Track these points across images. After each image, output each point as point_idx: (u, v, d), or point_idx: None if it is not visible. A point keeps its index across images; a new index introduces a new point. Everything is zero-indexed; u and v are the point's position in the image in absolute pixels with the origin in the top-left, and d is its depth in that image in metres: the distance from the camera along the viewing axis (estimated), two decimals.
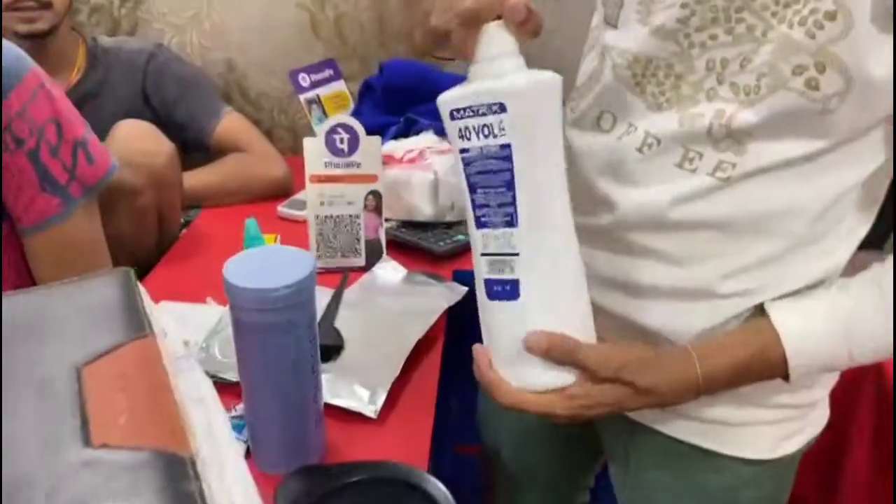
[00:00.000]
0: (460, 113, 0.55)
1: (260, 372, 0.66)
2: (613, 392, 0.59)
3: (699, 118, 0.58)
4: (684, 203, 0.60)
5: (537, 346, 0.57)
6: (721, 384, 0.60)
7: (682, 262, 0.62)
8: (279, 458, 0.70)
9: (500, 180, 0.55)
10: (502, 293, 0.57)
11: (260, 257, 0.66)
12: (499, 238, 0.56)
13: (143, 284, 1.01)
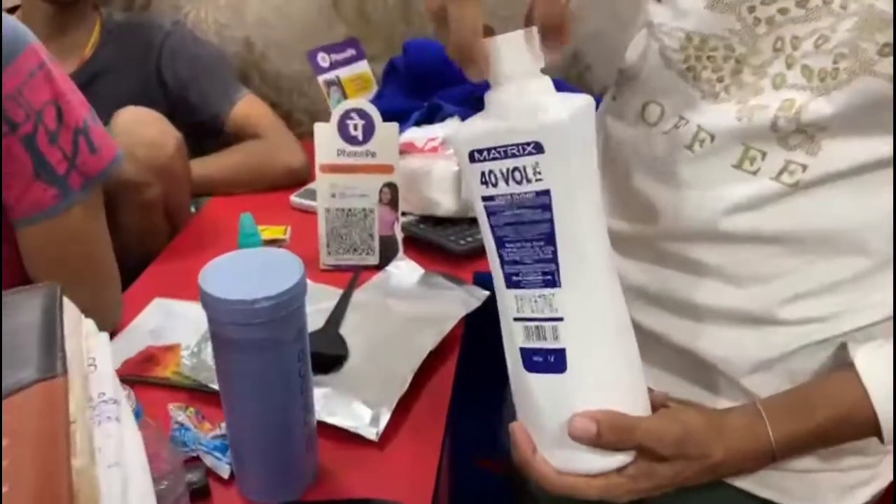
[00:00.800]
0: (483, 154, 0.45)
1: (240, 392, 0.58)
2: (679, 468, 0.49)
3: (762, 110, 0.48)
4: (742, 212, 0.51)
5: (586, 433, 0.46)
6: (799, 450, 0.51)
7: (737, 280, 0.52)
8: (264, 486, 0.63)
9: (536, 233, 0.45)
10: (544, 365, 0.47)
11: (243, 262, 0.58)
12: (537, 301, 0.46)
13: (140, 280, 0.96)
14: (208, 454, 0.65)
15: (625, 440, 0.47)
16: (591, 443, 0.46)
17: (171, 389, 0.75)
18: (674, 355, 0.56)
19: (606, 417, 0.46)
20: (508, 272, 0.47)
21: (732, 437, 0.50)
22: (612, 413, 0.46)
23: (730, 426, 0.50)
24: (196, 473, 0.63)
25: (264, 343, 0.55)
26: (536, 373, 0.48)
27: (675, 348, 0.56)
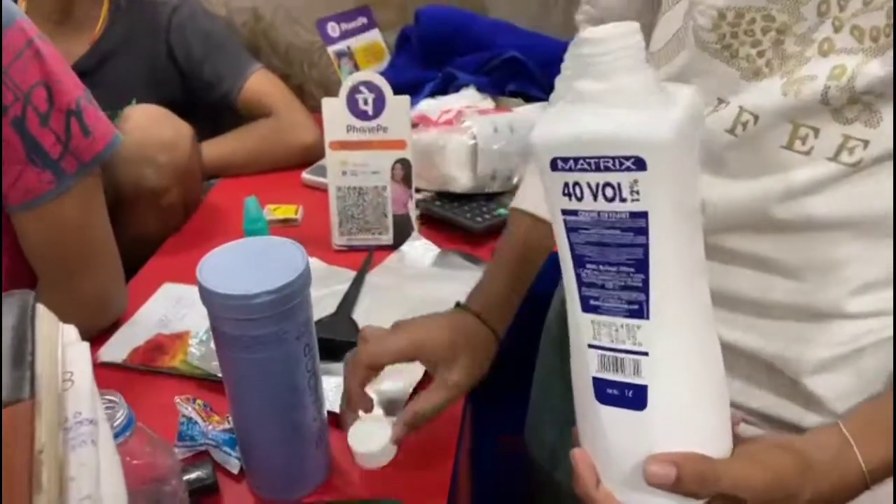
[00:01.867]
0: (569, 164, 0.38)
1: (245, 390, 0.56)
2: None
3: (810, 82, 0.43)
4: (798, 197, 0.46)
5: (666, 478, 0.41)
6: (889, 473, 0.45)
7: (796, 272, 0.47)
8: (274, 482, 0.60)
9: (626, 257, 0.40)
10: (621, 399, 0.43)
11: (243, 253, 0.55)
12: (619, 330, 0.41)
13: (148, 265, 0.93)
14: (217, 449, 0.63)
15: (708, 488, 0.42)
16: (670, 489, 0.42)
17: (180, 379, 0.73)
18: (726, 354, 0.52)
19: (688, 462, 0.41)
20: (586, 294, 0.42)
21: (820, 472, 0.44)
22: (695, 457, 0.42)
23: (817, 461, 0.45)
24: (204, 469, 0.60)
25: (267, 339, 0.52)
26: (611, 406, 0.43)
27: (727, 347, 0.52)
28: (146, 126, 0.95)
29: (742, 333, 0.51)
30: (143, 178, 0.93)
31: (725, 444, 0.44)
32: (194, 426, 0.64)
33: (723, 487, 0.42)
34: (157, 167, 0.94)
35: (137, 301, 0.85)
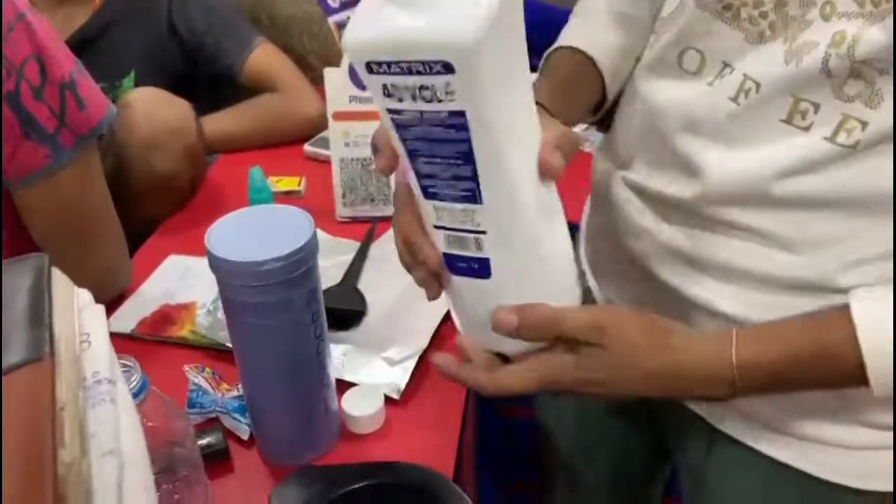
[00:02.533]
0: (383, 68, 0.38)
1: (254, 356, 0.56)
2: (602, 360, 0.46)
3: (811, 49, 0.43)
4: (795, 175, 0.46)
5: (508, 324, 0.45)
6: (764, 381, 0.46)
7: (791, 245, 0.48)
8: (284, 448, 0.62)
9: (453, 151, 0.40)
10: (469, 271, 0.46)
11: (251, 221, 0.55)
12: (457, 214, 0.43)
13: (154, 237, 0.94)
14: (227, 415, 0.64)
15: (550, 330, 0.46)
16: (515, 335, 0.46)
17: (188, 349, 0.74)
18: (719, 325, 0.52)
19: (530, 309, 0.45)
20: (425, 184, 0.43)
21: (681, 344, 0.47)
22: (537, 306, 0.45)
23: (682, 334, 0.48)
24: (214, 436, 0.61)
25: (276, 305, 0.53)
26: (462, 276, 0.47)
27: (720, 316, 0.52)
28: (151, 113, 0.94)
29: (733, 304, 0.51)
30: (155, 166, 0.93)
31: (571, 303, 0.48)
32: (204, 394, 0.65)
33: (564, 330, 0.45)
34: (168, 154, 0.94)
35: (143, 274, 0.85)
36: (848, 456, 0.52)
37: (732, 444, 0.56)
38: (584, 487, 0.85)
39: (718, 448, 0.58)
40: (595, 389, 0.47)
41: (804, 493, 0.54)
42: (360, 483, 0.53)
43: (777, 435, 0.53)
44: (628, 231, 0.57)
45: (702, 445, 0.60)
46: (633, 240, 0.56)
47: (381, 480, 0.53)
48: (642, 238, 0.55)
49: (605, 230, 0.62)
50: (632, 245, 0.57)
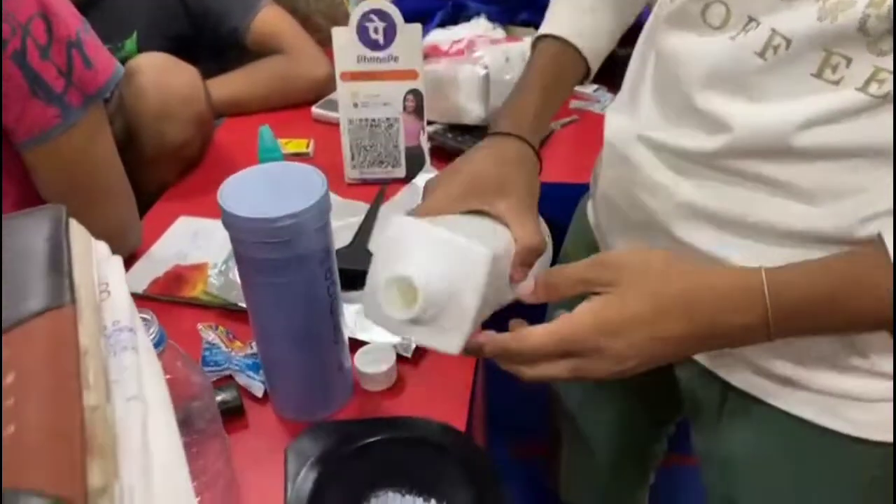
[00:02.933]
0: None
1: (268, 313, 0.56)
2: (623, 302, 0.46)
3: (848, 8, 0.42)
4: (820, 125, 0.45)
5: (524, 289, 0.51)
6: (800, 319, 0.46)
7: (810, 197, 0.47)
8: (298, 404, 0.62)
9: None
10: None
11: (263, 178, 0.55)
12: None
13: (163, 199, 0.93)
14: (241, 373, 0.64)
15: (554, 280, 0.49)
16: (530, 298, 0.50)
17: (201, 309, 0.74)
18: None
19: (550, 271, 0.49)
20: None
21: (706, 269, 0.47)
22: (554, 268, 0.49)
23: (703, 264, 0.48)
24: (229, 392, 0.62)
25: (289, 262, 0.53)
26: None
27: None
28: (161, 81, 0.93)
29: (750, 259, 0.51)
30: (166, 134, 0.93)
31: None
32: (217, 351, 0.65)
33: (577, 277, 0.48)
34: (180, 122, 0.93)
35: (153, 236, 0.85)
36: (867, 409, 0.52)
37: (747, 400, 0.56)
38: (591, 443, 0.86)
39: (732, 404, 0.59)
40: (615, 343, 0.46)
41: (822, 448, 0.55)
42: (374, 437, 0.54)
43: (794, 390, 0.53)
44: (643, 188, 0.56)
45: (714, 402, 0.60)
46: (649, 197, 0.56)
47: (395, 435, 0.54)
48: (658, 195, 0.55)
49: (618, 188, 0.61)
50: (647, 202, 0.56)
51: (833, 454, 0.54)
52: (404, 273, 0.42)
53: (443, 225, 0.48)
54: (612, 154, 0.62)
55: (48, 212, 0.34)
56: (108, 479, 0.24)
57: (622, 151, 0.59)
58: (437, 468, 0.54)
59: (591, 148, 0.72)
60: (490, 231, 0.52)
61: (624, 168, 0.59)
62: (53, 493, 0.22)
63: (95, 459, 0.24)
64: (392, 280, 0.42)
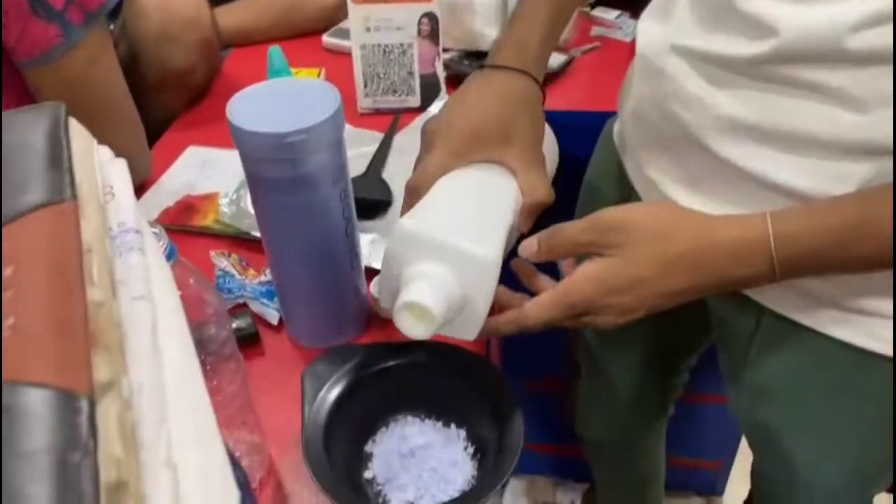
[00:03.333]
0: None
1: (281, 236, 0.55)
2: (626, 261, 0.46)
3: None
4: (874, 27, 0.42)
5: (528, 248, 0.49)
6: (807, 258, 0.44)
7: (863, 104, 0.44)
8: (313, 331, 0.61)
9: None
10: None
11: (275, 92, 0.53)
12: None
13: (172, 129, 0.91)
14: (255, 300, 0.63)
15: (557, 242, 0.49)
16: (534, 257, 0.49)
17: (213, 238, 0.73)
18: (772, 196, 0.49)
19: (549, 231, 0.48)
20: None
21: (711, 220, 0.46)
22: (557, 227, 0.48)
23: (707, 215, 0.46)
24: (244, 320, 0.61)
25: (302, 181, 0.51)
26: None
27: (773, 187, 0.49)
28: (165, 3, 0.89)
29: (791, 173, 0.49)
30: (170, 59, 0.90)
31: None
32: (231, 279, 0.64)
33: (580, 239, 0.48)
34: (184, 47, 0.90)
35: (163, 165, 0.83)
36: None
37: (781, 323, 0.55)
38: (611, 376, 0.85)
39: (765, 328, 0.57)
40: (621, 299, 0.47)
41: (857, 369, 0.53)
42: (392, 362, 0.52)
43: (830, 310, 0.51)
44: (677, 100, 0.53)
45: (748, 327, 0.58)
46: (683, 110, 0.53)
47: (413, 359, 0.53)
48: (693, 107, 0.52)
49: (651, 102, 0.58)
50: (681, 115, 0.53)
51: (868, 375, 0.53)
52: (417, 300, 0.43)
53: (447, 196, 0.49)
54: (644, 66, 0.58)
55: (47, 108, 0.32)
56: (116, 374, 0.23)
57: (655, 63, 0.56)
58: (456, 393, 0.52)
59: (613, 76, 0.69)
60: (497, 193, 0.51)
61: (657, 81, 0.56)
62: (57, 386, 0.21)
63: (101, 354, 0.23)
64: (405, 305, 0.44)
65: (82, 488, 0.19)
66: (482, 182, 0.52)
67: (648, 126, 0.59)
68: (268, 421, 0.54)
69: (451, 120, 0.52)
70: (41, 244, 0.25)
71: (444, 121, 0.53)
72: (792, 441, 0.61)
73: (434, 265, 0.45)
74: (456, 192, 0.50)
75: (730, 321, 0.62)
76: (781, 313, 0.54)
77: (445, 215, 0.48)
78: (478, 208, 0.50)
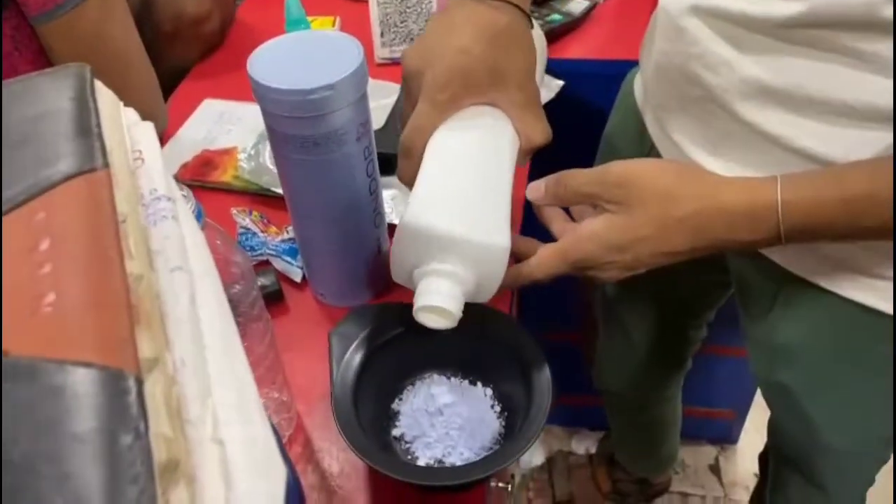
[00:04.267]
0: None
1: (304, 194, 0.54)
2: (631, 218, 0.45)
3: None
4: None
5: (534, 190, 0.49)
6: (815, 226, 0.43)
7: (890, 69, 0.42)
8: (337, 289, 0.61)
9: None
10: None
11: (296, 46, 0.51)
12: None
13: (186, 81, 0.89)
14: (277, 258, 0.63)
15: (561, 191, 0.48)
16: (540, 200, 0.50)
17: (232, 194, 0.72)
18: (796, 162, 0.48)
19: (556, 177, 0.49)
20: None
21: (718, 180, 0.45)
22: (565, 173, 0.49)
23: (715, 175, 0.45)
24: (267, 277, 0.61)
25: (326, 138, 0.49)
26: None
27: (797, 153, 0.48)
28: None
29: (816, 139, 0.47)
30: (184, 6, 0.87)
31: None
32: (253, 236, 0.63)
33: (584, 190, 0.48)
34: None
35: (179, 119, 0.82)
36: None
37: (802, 286, 0.54)
38: (629, 330, 0.85)
39: (786, 291, 0.56)
40: (623, 256, 0.46)
41: (877, 333, 0.53)
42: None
43: (853, 274, 0.51)
44: (701, 62, 0.51)
45: (769, 289, 0.58)
46: (707, 72, 0.51)
47: None
48: (718, 70, 0.50)
49: (674, 62, 0.56)
50: (705, 77, 0.51)
51: (888, 338, 0.52)
52: (436, 304, 0.44)
53: (447, 171, 0.47)
54: (666, 23, 0.56)
55: (71, 69, 0.31)
56: (159, 350, 0.22)
57: (677, 22, 0.53)
58: (482, 351, 0.52)
59: (638, 23, 0.66)
60: (496, 151, 0.49)
61: (679, 41, 0.53)
62: (103, 364, 0.20)
63: (143, 329, 0.22)
64: (422, 309, 0.45)
65: (136, 471, 0.19)
66: (479, 143, 0.49)
67: (671, 85, 0.57)
68: (293, 378, 0.54)
69: (436, 61, 0.47)
70: (76, 216, 0.24)
71: (428, 61, 0.48)
72: (810, 402, 0.61)
73: (448, 262, 0.44)
74: (455, 163, 0.48)
75: (751, 283, 0.61)
76: (803, 276, 0.54)
77: (451, 202, 0.45)
78: (481, 183, 0.47)
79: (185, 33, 0.90)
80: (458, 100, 0.48)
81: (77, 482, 0.18)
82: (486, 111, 0.49)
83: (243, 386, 0.25)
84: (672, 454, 1.16)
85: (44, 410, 0.19)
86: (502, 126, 0.49)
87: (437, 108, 0.47)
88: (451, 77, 0.47)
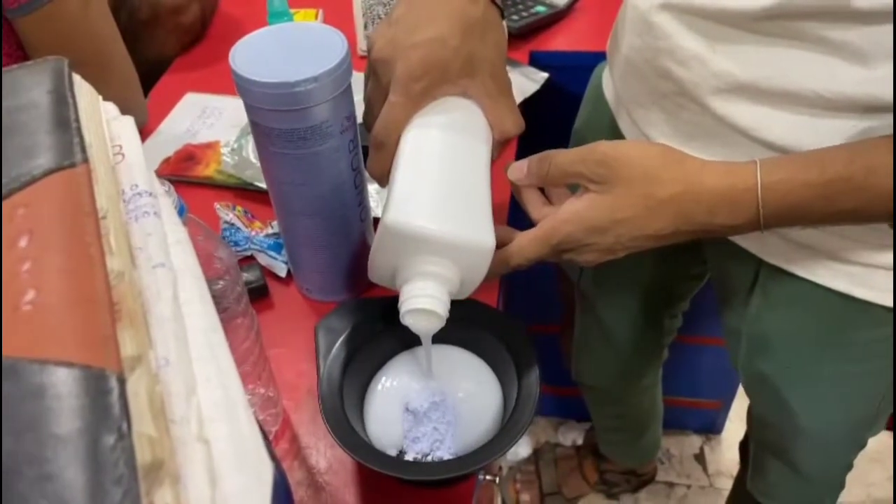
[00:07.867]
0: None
1: (288, 189, 0.53)
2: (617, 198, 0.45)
3: None
4: None
5: (517, 170, 0.49)
6: (793, 208, 0.43)
7: (864, 57, 0.42)
8: (325, 285, 0.60)
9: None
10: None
11: (279, 39, 0.50)
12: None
13: (167, 75, 0.88)
14: (262, 253, 0.62)
15: (545, 169, 0.48)
16: (523, 181, 0.50)
17: (216, 189, 0.71)
18: (769, 154, 0.48)
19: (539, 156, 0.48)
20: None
21: (699, 164, 0.45)
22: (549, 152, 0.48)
23: (697, 159, 0.45)
24: (252, 273, 0.60)
25: (310, 132, 0.49)
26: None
27: (769, 145, 0.48)
28: None
29: (786, 131, 0.47)
30: None
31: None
32: (237, 231, 0.63)
33: (567, 171, 0.47)
34: None
35: (160, 113, 0.81)
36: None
37: (779, 276, 0.54)
38: (606, 322, 0.85)
39: (763, 281, 0.56)
40: (603, 239, 0.46)
41: (855, 320, 0.53)
42: None
43: (828, 261, 0.51)
44: (672, 58, 0.51)
45: (746, 279, 0.58)
46: (678, 67, 0.51)
47: None
48: (690, 65, 0.50)
49: (644, 57, 0.56)
50: (676, 72, 0.51)
51: (866, 325, 0.53)
52: (423, 307, 0.44)
53: (423, 168, 0.46)
54: (635, 18, 0.56)
55: (48, 64, 0.30)
56: (142, 348, 0.22)
57: (646, 17, 0.53)
58: (470, 345, 0.52)
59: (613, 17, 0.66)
60: (471, 143, 0.48)
61: (648, 36, 0.53)
62: (84, 364, 0.20)
63: (125, 327, 0.22)
64: (410, 312, 0.45)
65: (119, 471, 0.18)
66: (455, 139, 0.48)
67: (641, 80, 0.57)
68: (279, 373, 0.54)
69: (410, 51, 0.46)
70: (55, 212, 0.24)
71: (400, 49, 0.47)
72: (788, 388, 0.61)
73: (432, 263, 0.44)
74: (432, 161, 0.47)
75: (728, 273, 0.62)
76: (779, 265, 0.54)
77: (432, 202, 0.45)
78: (460, 180, 0.47)
79: (163, 22, 0.89)
80: (432, 90, 0.47)
81: (60, 484, 0.18)
82: (460, 103, 0.49)
83: (228, 383, 0.25)
84: (655, 443, 1.17)
85: (25, 411, 0.19)
86: (476, 119, 0.49)
87: (412, 99, 0.47)
88: (426, 69, 0.46)
